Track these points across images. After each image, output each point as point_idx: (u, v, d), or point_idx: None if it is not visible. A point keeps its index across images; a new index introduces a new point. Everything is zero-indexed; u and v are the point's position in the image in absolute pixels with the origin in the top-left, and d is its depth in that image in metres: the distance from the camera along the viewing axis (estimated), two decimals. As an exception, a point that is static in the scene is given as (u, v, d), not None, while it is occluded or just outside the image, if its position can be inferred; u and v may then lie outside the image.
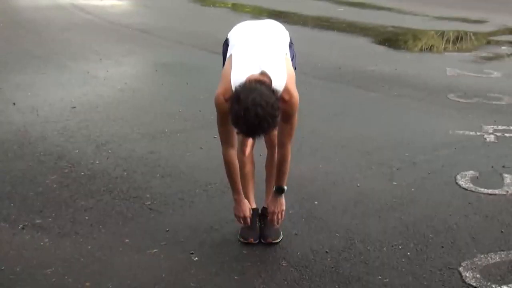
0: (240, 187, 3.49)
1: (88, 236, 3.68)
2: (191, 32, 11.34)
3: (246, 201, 3.53)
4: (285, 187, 3.50)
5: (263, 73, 3.05)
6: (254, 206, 3.76)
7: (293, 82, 3.21)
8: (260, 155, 3.91)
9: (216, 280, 3.23)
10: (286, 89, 3.12)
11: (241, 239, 3.63)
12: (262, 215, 3.72)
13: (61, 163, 4.85)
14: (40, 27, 11.76)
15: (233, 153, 3.41)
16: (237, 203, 3.51)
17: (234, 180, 3.46)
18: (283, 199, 3.52)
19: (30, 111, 6.22)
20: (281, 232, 3.67)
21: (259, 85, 2.91)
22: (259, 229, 3.68)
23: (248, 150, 3.71)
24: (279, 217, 3.54)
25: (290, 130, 3.31)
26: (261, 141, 3.45)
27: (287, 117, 3.18)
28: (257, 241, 3.62)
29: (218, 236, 3.70)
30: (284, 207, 3.54)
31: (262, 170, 3.82)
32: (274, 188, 3.51)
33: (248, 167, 3.73)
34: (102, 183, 4.48)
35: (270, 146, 3.70)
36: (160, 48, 9.88)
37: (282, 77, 3.11)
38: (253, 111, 2.78)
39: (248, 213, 3.51)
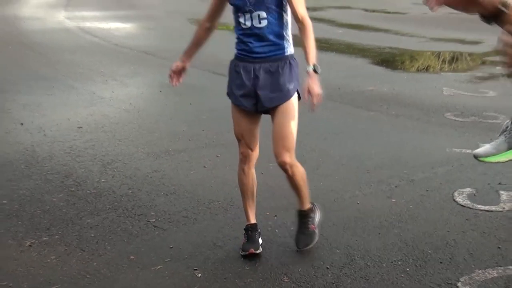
0: (187, 49, 3.95)
1: (94, 253, 3.68)
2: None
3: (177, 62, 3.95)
4: (318, 67, 3.35)
5: None
6: (253, 221, 3.77)
7: None
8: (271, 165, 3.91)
9: (219, 296, 3.23)
10: None
11: (242, 253, 3.62)
12: (298, 217, 3.76)
13: (68, 181, 4.86)
14: (47, 49, 11.83)
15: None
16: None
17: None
18: (317, 80, 3.33)
19: (38, 131, 6.24)
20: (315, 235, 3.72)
21: None
22: (295, 236, 3.73)
23: (247, 167, 3.71)
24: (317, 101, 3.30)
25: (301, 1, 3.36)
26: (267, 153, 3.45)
27: None
28: (258, 251, 3.62)
29: (222, 252, 3.70)
30: (319, 91, 3.31)
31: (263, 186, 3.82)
32: (311, 68, 3.33)
33: (249, 184, 3.73)
34: (107, 201, 4.49)
35: (275, 153, 3.58)
36: (164, 69, 9.84)
37: None
38: None
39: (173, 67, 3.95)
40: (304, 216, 3.76)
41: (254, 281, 3.36)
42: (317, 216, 3.85)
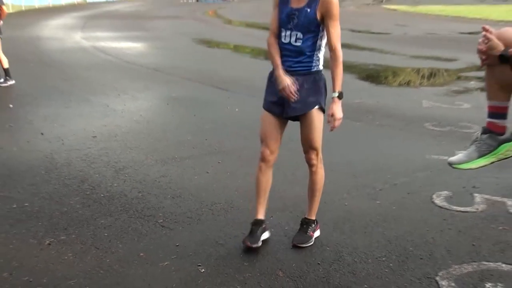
0: (279, 62, 3.53)
1: (107, 251, 3.66)
2: (198, 70, 11.42)
3: (283, 76, 3.50)
4: (341, 93, 3.51)
5: None
6: (260, 217, 3.78)
7: None
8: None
9: (220, 289, 3.22)
10: None
11: (242, 243, 3.67)
12: (301, 224, 3.83)
13: (84, 186, 4.85)
14: (65, 66, 11.85)
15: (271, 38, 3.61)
16: (278, 76, 3.52)
17: (273, 57, 3.58)
18: (340, 105, 3.52)
19: (56, 140, 6.24)
20: (311, 240, 3.76)
21: None
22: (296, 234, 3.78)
23: (265, 166, 3.74)
24: (338, 124, 3.55)
25: (336, 33, 3.44)
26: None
27: (331, 16, 3.36)
28: (255, 245, 3.63)
29: (223, 250, 3.68)
30: (340, 115, 3.53)
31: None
32: (336, 95, 3.49)
33: (263, 182, 3.77)
34: (119, 203, 4.47)
35: (304, 153, 3.71)
36: (171, 84, 9.94)
37: None
38: None
39: (288, 82, 3.48)
40: (307, 223, 3.82)
41: (252, 276, 3.35)
42: (317, 231, 3.87)
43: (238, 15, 28.85)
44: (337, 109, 3.50)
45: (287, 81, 3.48)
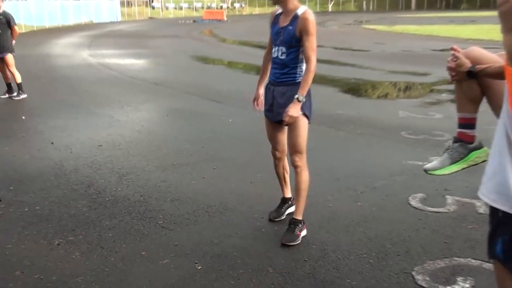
0: (261, 78, 3.96)
1: (111, 250, 3.65)
2: (196, 84, 11.42)
3: (258, 90, 3.98)
4: (302, 97, 3.55)
5: None
6: (286, 195, 4.20)
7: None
8: (259, 175, 3.90)
9: (215, 285, 3.20)
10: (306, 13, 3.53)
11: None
12: (289, 224, 3.88)
13: (90, 190, 4.83)
14: (73, 81, 11.82)
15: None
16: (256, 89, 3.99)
17: (260, 72, 3.95)
18: (298, 106, 3.56)
19: (65, 148, 6.21)
20: (298, 238, 3.78)
21: None
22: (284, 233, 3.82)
23: (278, 161, 4.05)
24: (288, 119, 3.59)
25: (310, 46, 3.52)
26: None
27: (306, 31, 3.49)
28: (276, 219, 4.09)
29: (218, 248, 3.67)
30: (294, 114, 3.56)
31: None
32: (296, 96, 3.55)
33: (280, 172, 4.11)
34: (123, 206, 4.46)
35: (289, 155, 3.84)
36: (171, 97, 9.93)
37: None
38: None
39: (256, 95, 3.97)
40: (294, 223, 3.82)
41: (245, 272, 3.34)
42: (304, 230, 3.86)
43: (232, 35, 28.90)
44: (292, 108, 3.55)
45: (256, 95, 3.94)
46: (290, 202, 4.20)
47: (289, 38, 3.56)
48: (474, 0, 71.91)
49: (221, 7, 62.00)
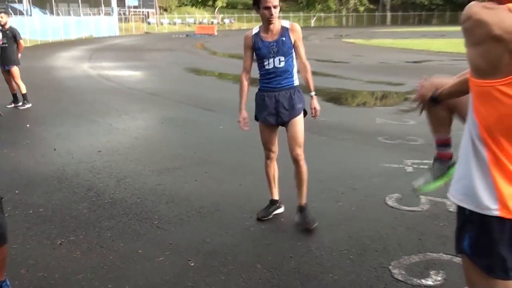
0: (243, 101, 3.96)
1: (110, 249, 3.62)
2: (189, 94, 11.39)
3: (243, 112, 3.96)
4: (314, 92, 4.00)
5: None
6: (274, 198, 4.21)
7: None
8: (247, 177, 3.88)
9: (208, 280, 3.18)
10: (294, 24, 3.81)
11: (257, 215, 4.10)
12: (300, 211, 4.03)
13: (90, 193, 4.79)
14: (75, 92, 11.74)
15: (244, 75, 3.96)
16: (239, 110, 3.96)
17: (241, 95, 3.96)
18: (316, 100, 4.03)
19: (67, 154, 6.17)
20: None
21: None
22: (301, 221, 3.98)
23: (270, 162, 4.13)
24: (318, 113, 4.03)
25: (303, 50, 3.88)
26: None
27: (299, 39, 3.82)
28: (264, 218, 4.08)
29: (209, 246, 3.66)
30: (318, 107, 4.03)
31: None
32: (314, 93, 3.99)
33: (271, 172, 4.16)
34: (121, 208, 4.43)
35: (291, 151, 3.94)
36: (165, 106, 9.90)
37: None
38: None
39: (242, 117, 3.95)
40: (304, 208, 4.02)
41: (235, 268, 3.33)
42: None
43: (222, 48, 28.90)
44: (317, 103, 4.00)
45: (242, 117, 3.94)
46: (277, 204, 4.22)
47: (287, 47, 3.77)
48: (444, 16, 72.72)
49: (212, 22, 61.98)
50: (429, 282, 3.13)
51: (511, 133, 1.58)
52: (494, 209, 1.62)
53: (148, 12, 58.56)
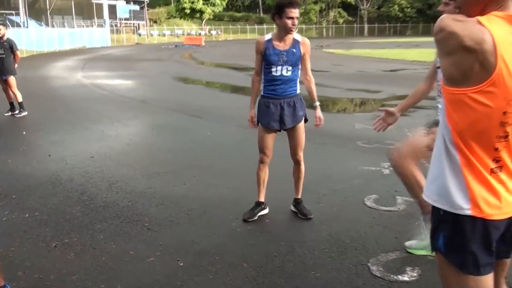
0: (253, 100, 4.06)
1: (103, 251, 3.58)
2: (178, 102, 11.35)
3: (252, 110, 4.04)
4: (318, 102, 4.17)
5: None
6: (260, 200, 4.19)
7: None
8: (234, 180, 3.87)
9: (196, 279, 3.16)
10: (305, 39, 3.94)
11: (243, 216, 4.09)
12: (297, 203, 4.25)
13: (83, 197, 4.74)
14: (69, 100, 11.63)
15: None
16: (250, 109, 4.05)
17: (252, 94, 4.06)
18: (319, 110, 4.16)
19: (61, 160, 6.10)
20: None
21: None
22: (299, 211, 4.20)
23: (263, 166, 4.16)
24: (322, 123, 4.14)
25: (309, 63, 4.03)
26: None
27: (308, 52, 3.96)
28: (249, 219, 4.06)
29: (198, 247, 3.64)
30: (322, 116, 4.17)
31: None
32: (318, 103, 4.16)
33: (262, 176, 4.19)
34: (113, 211, 4.39)
35: (294, 154, 4.14)
36: (156, 114, 9.85)
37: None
38: None
39: (252, 115, 4.03)
40: (301, 201, 4.26)
41: (222, 267, 3.31)
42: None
43: (209, 58, 28.87)
44: (320, 113, 4.13)
45: (252, 114, 4.02)
46: (262, 206, 4.21)
47: (296, 59, 3.85)
48: (417, 28, 73.48)
49: (200, 33, 61.86)
50: (405, 278, 3.15)
51: (481, 137, 1.60)
52: (466, 208, 1.64)
53: (138, 24, 58.29)
